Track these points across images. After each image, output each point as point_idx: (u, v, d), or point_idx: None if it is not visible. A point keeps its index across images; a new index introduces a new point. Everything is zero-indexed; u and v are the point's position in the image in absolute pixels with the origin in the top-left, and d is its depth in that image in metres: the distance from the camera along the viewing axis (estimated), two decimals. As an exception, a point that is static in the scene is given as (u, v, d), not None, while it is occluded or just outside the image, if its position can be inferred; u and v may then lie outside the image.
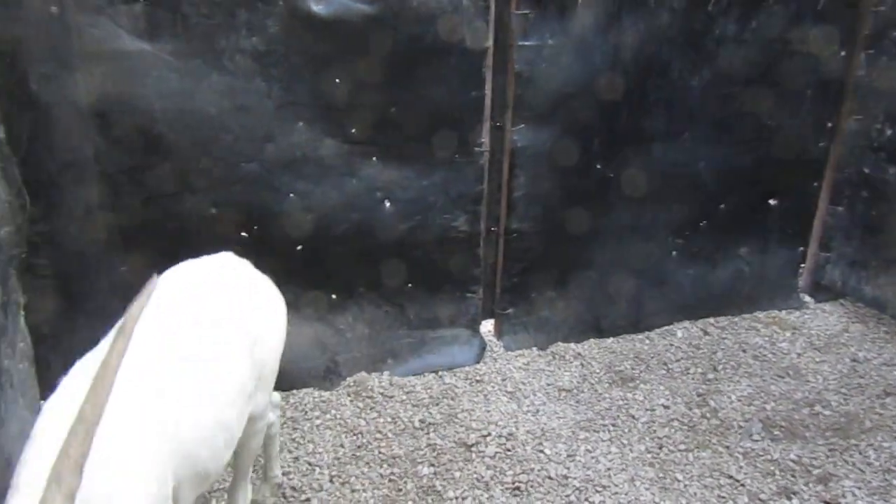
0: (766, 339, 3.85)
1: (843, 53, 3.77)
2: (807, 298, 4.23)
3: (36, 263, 2.80)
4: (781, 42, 3.61)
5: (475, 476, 2.81)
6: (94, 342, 1.73)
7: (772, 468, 2.90)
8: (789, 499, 2.74)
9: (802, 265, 4.23)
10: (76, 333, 2.91)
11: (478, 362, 3.56)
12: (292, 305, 3.25)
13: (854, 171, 3.99)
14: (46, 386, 2.94)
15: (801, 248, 4.18)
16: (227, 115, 2.88)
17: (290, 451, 2.90)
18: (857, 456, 2.96)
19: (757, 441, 3.06)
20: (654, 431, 3.11)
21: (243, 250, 3.05)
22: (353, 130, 3.09)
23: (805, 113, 3.84)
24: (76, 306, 2.92)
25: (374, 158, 3.16)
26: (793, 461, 2.93)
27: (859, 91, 3.87)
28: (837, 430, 3.13)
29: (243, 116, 2.91)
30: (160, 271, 2.96)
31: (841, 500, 2.72)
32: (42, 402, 2.83)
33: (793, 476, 2.86)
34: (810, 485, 2.81)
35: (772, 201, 3.98)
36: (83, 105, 2.70)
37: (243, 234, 3.06)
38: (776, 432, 3.12)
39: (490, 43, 3.17)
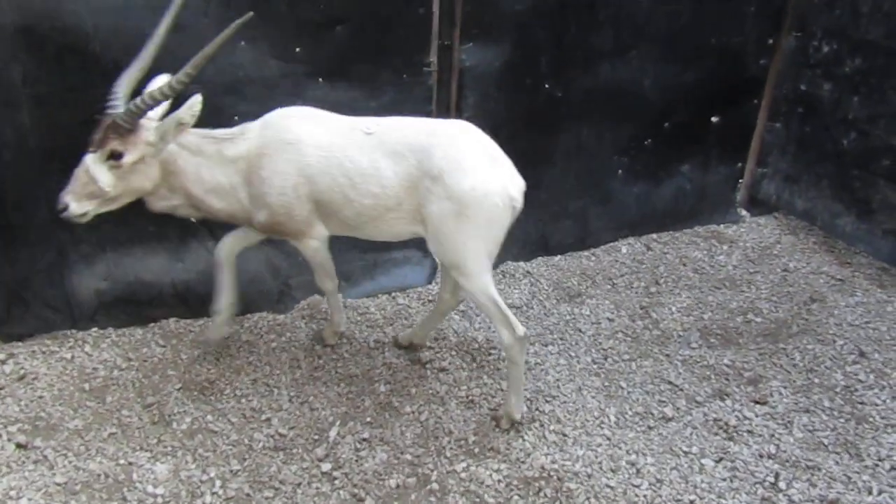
0: (706, 252, 4.03)
1: (785, -31, 3.81)
2: (743, 212, 4.41)
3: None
4: (727, -42, 3.62)
5: (430, 391, 2.92)
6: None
7: (707, 373, 3.09)
8: (723, 400, 2.94)
9: (740, 181, 4.38)
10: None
11: (429, 283, 3.62)
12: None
13: (791, 88, 4.09)
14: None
15: (740, 164, 4.32)
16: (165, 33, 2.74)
17: (247, 374, 2.94)
18: (784, 358, 3.18)
19: (694, 349, 3.25)
20: (600, 343, 3.26)
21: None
22: (298, 50, 2.99)
23: (748, 31, 3.88)
24: (16, 237, 2.83)
25: (320, 79, 3.08)
26: (727, 366, 3.13)
27: (799, 8, 3.93)
28: (767, 335, 3.35)
29: (179, 35, 2.77)
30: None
31: (769, 399, 2.94)
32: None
33: (726, 379, 3.06)
34: (741, 386, 3.02)
35: (713, 118, 4.07)
36: (7, 24, 2.53)
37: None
38: (712, 340, 3.31)
39: (437, -42, 3.08)
